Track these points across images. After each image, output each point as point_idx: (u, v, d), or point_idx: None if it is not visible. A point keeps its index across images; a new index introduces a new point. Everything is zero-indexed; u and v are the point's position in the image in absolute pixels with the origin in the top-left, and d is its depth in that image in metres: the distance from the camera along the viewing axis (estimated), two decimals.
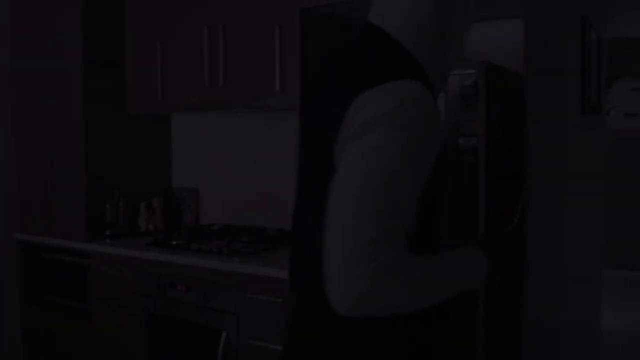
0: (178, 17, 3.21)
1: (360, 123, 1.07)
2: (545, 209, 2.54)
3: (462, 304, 2.18)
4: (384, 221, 1.04)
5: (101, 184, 3.38)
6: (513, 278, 1.33)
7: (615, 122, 5.30)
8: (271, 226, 3.40)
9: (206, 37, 3.07)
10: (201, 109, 3.21)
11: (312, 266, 1.14)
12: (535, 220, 2.35)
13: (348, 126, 1.09)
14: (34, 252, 3.58)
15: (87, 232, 3.32)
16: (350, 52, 1.23)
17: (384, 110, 1.07)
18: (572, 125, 2.86)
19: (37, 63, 3.54)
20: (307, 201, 1.28)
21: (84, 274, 3.30)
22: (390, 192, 1.05)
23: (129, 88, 3.42)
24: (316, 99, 1.26)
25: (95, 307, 3.25)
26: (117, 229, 3.39)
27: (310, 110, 1.28)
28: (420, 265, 1.10)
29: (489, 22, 2.74)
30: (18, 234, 3.67)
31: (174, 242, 3.06)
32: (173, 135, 3.83)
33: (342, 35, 1.32)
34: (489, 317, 2.21)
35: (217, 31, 3.04)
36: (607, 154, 4.00)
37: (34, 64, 3.56)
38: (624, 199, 5.74)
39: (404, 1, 1.22)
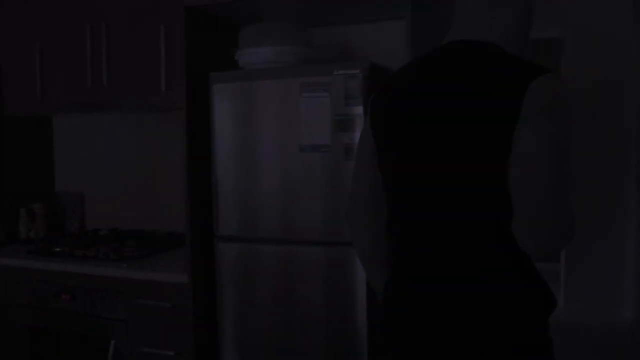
0: (58, 15, 3.08)
1: (545, 104, 1.24)
2: None
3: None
4: (568, 179, 1.26)
5: None
6: None
7: None
8: (159, 229, 3.33)
9: (88, 36, 2.96)
10: (84, 110, 3.09)
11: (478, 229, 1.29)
12: None
13: (529, 107, 1.23)
14: None
15: None
16: (488, 62, 1.32)
17: (562, 95, 1.25)
18: None
19: None
20: (458, 184, 1.32)
21: None
22: (568, 161, 1.26)
23: (5, 88, 3.25)
24: (462, 106, 1.31)
25: None
26: None
27: (451, 117, 1.32)
28: None
29: (373, 24, 2.80)
30: None
31: (58, 249, 2.93)
32: (55, 137, 3.67)
33: (452, 57, 1.39)
34: None
35: (99, 30, 2.94)
36: None
37: None
38: None
39: (508, 17, 1.42)
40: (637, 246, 2.21)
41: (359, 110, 2.15)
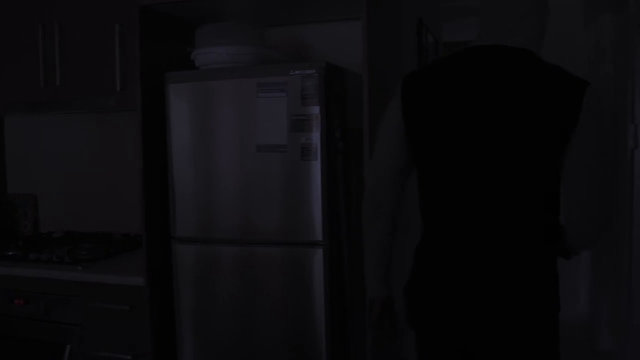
0: (8, 13, 3.00)
1: (596, 116, 1.46)
2: None
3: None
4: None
5: None
6: None
7: None
8: (116, 231, 3.28)
9: (41, 35, 2.90)
10: (37, 110, 3.03)
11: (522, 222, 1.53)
12: None
13: (586, 118, 1.45)
14: None
15: None
16: (534, 68, 1.52)
17: (605, 103, 1.55)
18: None
19: None
20: (510, 183, 1.51)
21: None
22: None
23: None
24: (510, 114, 1.49)
25: None
26: None
27: (503, 126, 1.50)
28: None
29: (330, 24, 2.81)
30: None
31: (10, 253, 2.86)
32: (7, 138, 3.59)
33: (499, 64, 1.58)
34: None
35: (52, 29, 2.88)
36: None
37: None
38: None
39: (535, 25, 1.58)
40: None
41: (316, 110, 2.16)
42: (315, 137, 2.17)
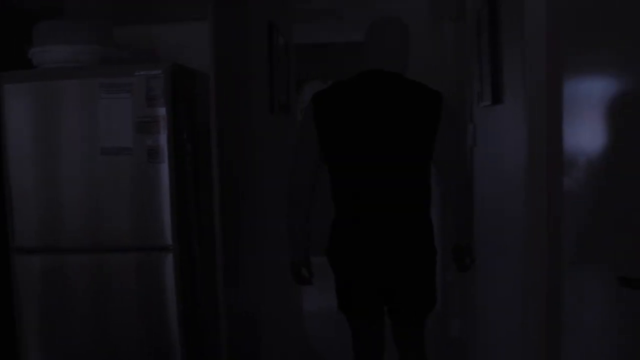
0: None
1: (450, 115, 2.21)
2: (234, 204, 2.65)
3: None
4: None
5: None
6: None
7: None
8: None
9: None
10: None
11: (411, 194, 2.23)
12: (225, 215, 2.44)
13: (444, 119, 2.18)
14: None
15: None
16: (407, 86, 2.21)
17: (451, 104, 2.29)
18: (262, 124, 3.02)
19: None
20: (401, 168, 2.20)
21: None
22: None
23: None
24: (393, 120, 2.17)
25: None
26: None
27: (389, 128, 2.17)
28: None
29: (178, 24, 2.76)
30: None
31: None
32: None
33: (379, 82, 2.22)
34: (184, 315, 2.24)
35: None
36: None
37: None
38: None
39: (404, 57, 2.28)
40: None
41: (162, 111, 2.12)
42: (162, 139, 2.12)
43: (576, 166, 1.85)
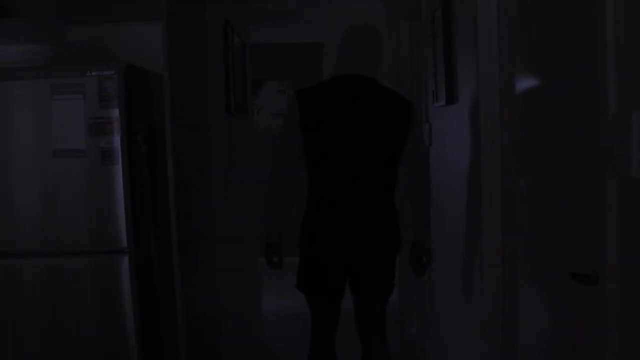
0: None
1: (418, 123, 2.50)
2: (190, 205, 2.64)
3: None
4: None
5: None
6: None
7: (264, 121, 5.82)
8: None
9: None
10: None
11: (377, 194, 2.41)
12: (181, 216, 2.43)
13: (413, 125, 2.41)
14: None
15: None
16: (381, 91, 2.45)
17: (418, 112, 2.61)
18: (218, 124, 3.01)
19: None
20: (371, 170, 2.38)
21: None
22: None
23: None
24: (369, 123, 2.36)
25: None
26: None
27: (365, 130, 2.35)
28: None
29: (132, 24, 2.72)
30: None
31: None
32: None
33: (355, 88, 2.40)
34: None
35: None
36: (256, 148, 4.39)
37: None
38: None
39: (377, 62, 2.45)
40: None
41: (116, 112, 2.08)
42: (116, 141, 2.09)
43: (528, 164, 1.89)
